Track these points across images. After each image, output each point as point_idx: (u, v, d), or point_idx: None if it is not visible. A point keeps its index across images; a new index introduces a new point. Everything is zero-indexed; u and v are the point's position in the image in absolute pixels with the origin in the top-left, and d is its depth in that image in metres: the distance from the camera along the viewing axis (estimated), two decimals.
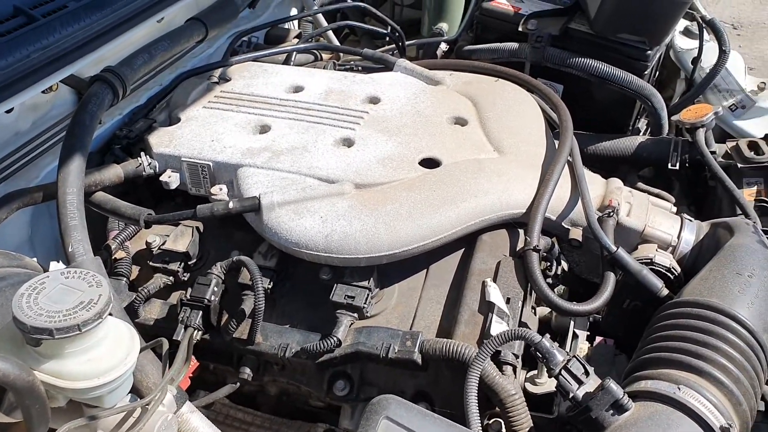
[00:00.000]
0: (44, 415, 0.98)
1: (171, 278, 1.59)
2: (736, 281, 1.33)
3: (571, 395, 1.16)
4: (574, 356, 1.20)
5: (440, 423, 0.98)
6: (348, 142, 1.73)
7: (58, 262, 1.67)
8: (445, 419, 1.00)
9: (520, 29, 2.22)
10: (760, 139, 2.04)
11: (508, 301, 1.46)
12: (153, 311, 1.56)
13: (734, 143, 2.03)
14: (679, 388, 1.12)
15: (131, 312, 1.50)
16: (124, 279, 1.60)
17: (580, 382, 1.16)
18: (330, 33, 2.75)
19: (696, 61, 2.37)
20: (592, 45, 2.16)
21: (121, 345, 1.10)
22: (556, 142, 1.80)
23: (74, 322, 1.00)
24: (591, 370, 1.19)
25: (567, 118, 1.83)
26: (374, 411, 0.97)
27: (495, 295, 1.45)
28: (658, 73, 2.49)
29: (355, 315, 1.48)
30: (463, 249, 1.62)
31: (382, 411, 0.96)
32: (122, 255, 1.64)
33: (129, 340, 1.12)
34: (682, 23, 2.52)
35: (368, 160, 1.66)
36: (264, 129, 1.78)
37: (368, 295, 1.48)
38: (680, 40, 2.56)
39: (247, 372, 1.51)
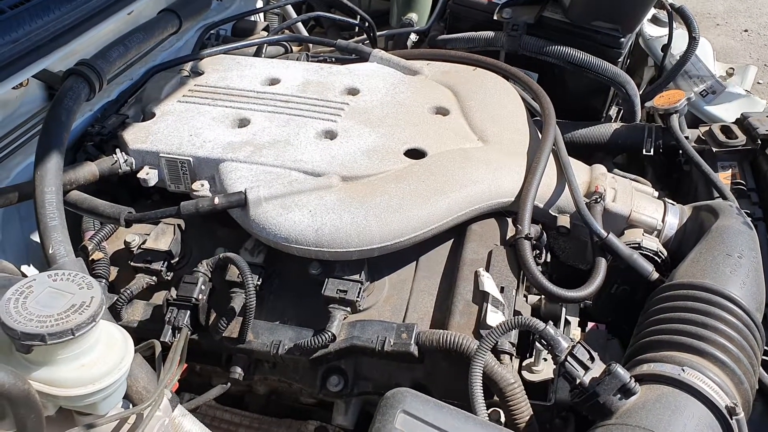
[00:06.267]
0: (39, 427, 0.93)
1: (154, 278, 1.54)
2: (727, 262, 1.35)
3: (578, 381, 1.15)
4: (579, 342, 1.19)
5: (456, 414, 0.96)
6: (330, 135, 1.70)
7: (30, 266, 1.60)
8: (461, 411, 0.98)
9: (495, 18, 2.21)
10: (732, 123, 2.08)
11: (502, 290, 1.45)
12: (136, 313, 1.50)
13: (707, 128, 2.06)
14: (684, 370, 1.13)
15: (114, 314, 1.45)
16: (104, 280, 1.54)
17: (586, 368, 1.16)
18: (299, 24, 2.71)
19: (666, 48, 2.40)
20: (566, 33, 2.17)
21: (114, 349, 1.06)
22: (538, 130, 1.79)
23: (67, 327, 0.96)
24: (596, 355, 1.18)
25: (549, 106, 1.82)
26: (390, 405, 0.94)
27: (489, 284, 1.44)
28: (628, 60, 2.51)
29: (348, 309, 1.45)
30: (452, 239, 1.60)
31: (398, 405, 0.93)
32: (100, 256, 1.58)
33: (122, 344, 1.08)
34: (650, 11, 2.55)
35: (353, 152, 1.63)
36: (243, 123, 1.74)
37: (360, 288, 1.46)
38: (649, 27, 2.59)
39: (238, 371, 1.47)
